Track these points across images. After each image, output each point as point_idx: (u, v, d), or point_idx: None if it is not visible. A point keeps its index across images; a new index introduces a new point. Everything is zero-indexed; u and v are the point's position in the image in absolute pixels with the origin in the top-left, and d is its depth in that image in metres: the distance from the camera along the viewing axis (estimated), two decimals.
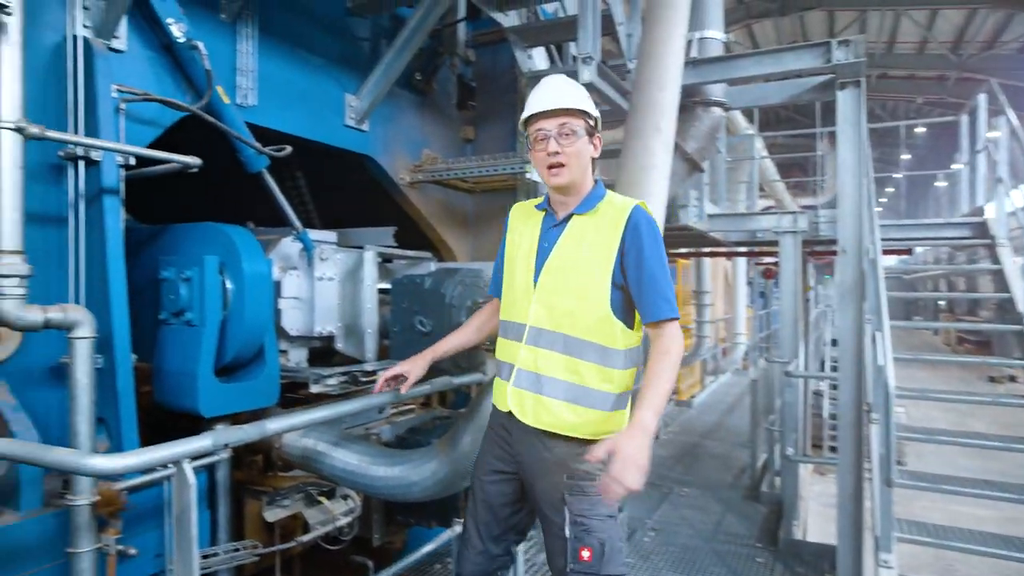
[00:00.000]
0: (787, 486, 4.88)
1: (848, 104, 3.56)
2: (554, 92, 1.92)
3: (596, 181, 2.02)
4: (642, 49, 3.01)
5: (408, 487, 2.64)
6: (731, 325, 14.67)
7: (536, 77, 4.14)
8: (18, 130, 1.81)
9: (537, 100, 1.94)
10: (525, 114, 1.98)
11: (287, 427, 1.83)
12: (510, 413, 1.95)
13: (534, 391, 1.91)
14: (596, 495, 1.81)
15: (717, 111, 4.04)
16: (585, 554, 1.81)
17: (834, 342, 12.55)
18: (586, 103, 1.93)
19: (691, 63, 3.75)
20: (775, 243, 6.90)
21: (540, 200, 2.09)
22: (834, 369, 11.48)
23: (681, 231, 5.80)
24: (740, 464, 7.31)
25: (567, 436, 1.87)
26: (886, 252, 5.86)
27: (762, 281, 18.26)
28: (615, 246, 1.85)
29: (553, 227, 1.98)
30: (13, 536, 1.94)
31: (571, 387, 1.87)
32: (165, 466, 2.20)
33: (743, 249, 10.19)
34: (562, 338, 1.88)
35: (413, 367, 2.21)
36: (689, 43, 3.24)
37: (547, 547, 1.97)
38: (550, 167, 1.91)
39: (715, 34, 4.16)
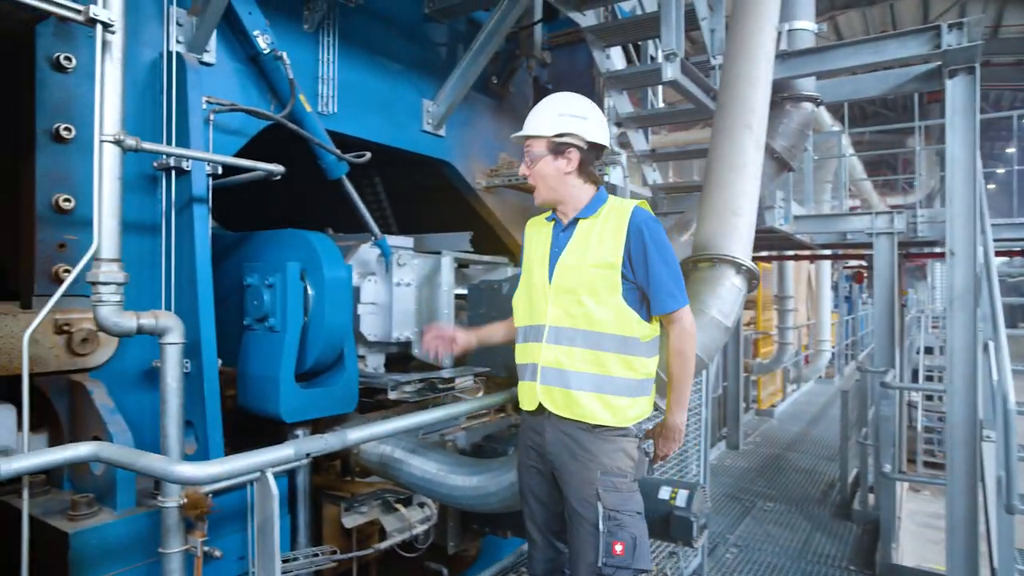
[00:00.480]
0: (884, 506, 4.55)
1: (959, 94, 3.27)
2: (528, 120, 2.12)
3: (599, 188, 2.15)
4: (730, 42, 2.85)
5: (486, 497, 2.58)
6: (815, 331, 13.96)
7: (615, 77, 4.03)
8: (117, 143, 1.87)
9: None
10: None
11: (368, 437, 1.80)
12: (539, 411, 2.08)
13: (561, 385, 2.02)
14: (628, 491, 1.97)
15: (808, 106, 3.80)
16: (618, 548, 1.90)
17: (928, 350, 11.75)
18: (544, 126, 2.07)
19: (781, 56, 3.54)
20: (866, 245, 6.50)
21: (550, 212, 2.23)
22: (929, 379, 10.78)
23: (765, 234, 5.53)
24: (828, 479, 6.91)
25: (596, 428, 1.98)
26: (997, 254, 5.39)
27: (847, 285, 17.33)
28: (620, 244, 1.99)
29: (562, 232, 2.13)
30: (110, 534, 2.01)
31: (596, 377, 1.98)
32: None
33: (828, 252, 9.67)
34: (582, 333, 2.00)
35: (464, 336, 2.40)
36: (778, 35, 3.05)
37: (572, 546, 2.03)
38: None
39: (806, 24, 3.92)
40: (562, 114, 2.08)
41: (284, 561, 2.42)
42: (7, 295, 2.31)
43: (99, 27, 1.77)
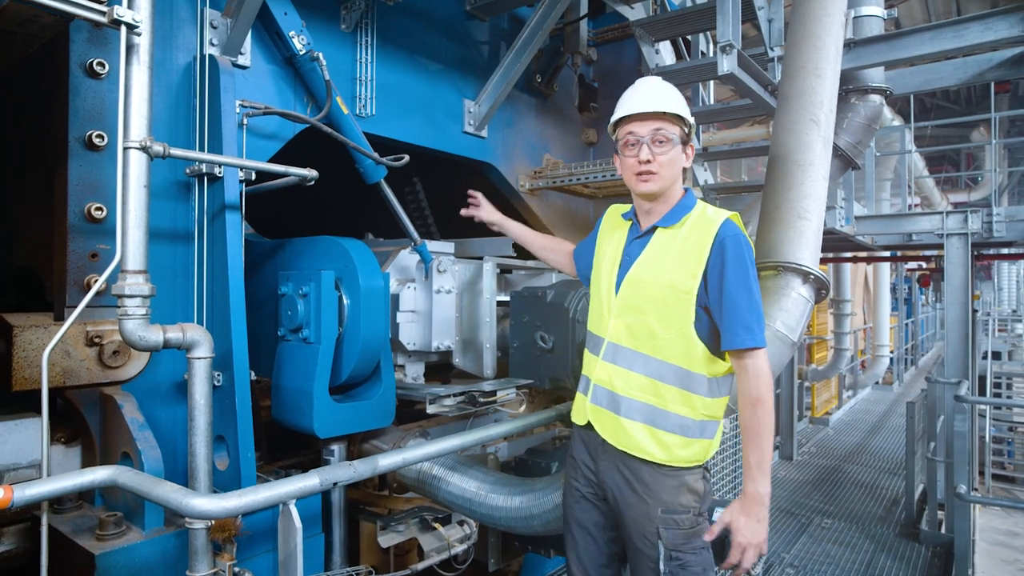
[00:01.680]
0: (959, 530, 4.21)
1: None
2: (650, 95, 1.83)
3: (686, 191, 1.91)
4: (794, 29, 2.62)
5: (528, 520, 2.44)
6: (872, 336, 13.34)
7: (665, 73, 3.83)
8: (143, 149, 1.79)
9: (630, 102, 1.85)
10: (616, 115, 1.88)
11: (399, 464, 1.68)
12: (588, 428, 1.91)
13: (611, 410, 1.85)
14: (691, 527, 1.78)
15: (875, 99, 3.52)
16: None
17: (995, 355, 11.06)
18: (684, 108, 1.83)
19: (847, 45, 3.29)
20: (932, 246, 6.11)
21: (628, 208, 2.00)
22: (997, 386, 10.12)
23: (824, 235, 5.23)
24: (891, 495, 6.52)
25: (652, 463, 1.79)
26: None
27: (906, 286, 16.54)
28: (701, 263, 1.74)
29: (636, 239, 1.90)
30: (137, 555, 1.94)
31: (649, 408, 1.79)
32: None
33: (887, 254, 9.19)
34: (641, 358, 1.80)
35: (499, 217, 2.43)
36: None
37: None
38: (639, 174, 1.83)
39: (874, 10, 3.64)
40: (685, 102, 1.86)
41: None
42: (45, 306, 2.28)
43: (123, 28, 1.69)
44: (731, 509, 1.74)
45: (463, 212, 2.42)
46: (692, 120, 1.85)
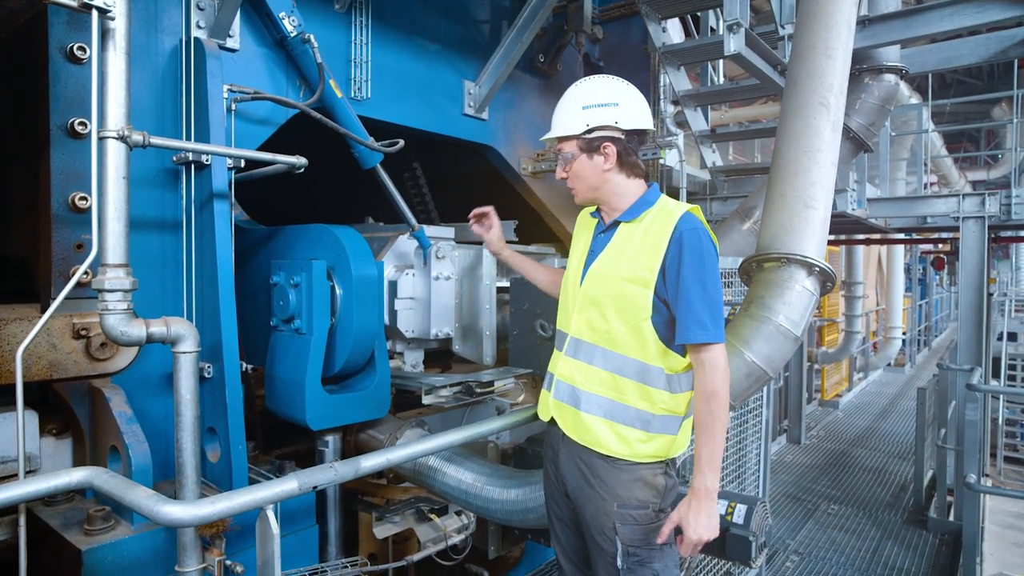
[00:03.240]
0: (968, 519, 4.15)
1: None
2: (555, 116, 1.91)
3: (651, 186, 1.91)
4: (804, 8, 2.50)
5: (524, 513, 2.40)
6: (885, 317, 13.17)
7: (671, 52, 3.71)
8: (121, 139, 1.73)
9: None
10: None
11: (383, 464, 1.64)
12: (552, 423, 1.92)
13: (572, 405, 1.85)
14: (648, 523, 1.77)
15: (890, 79, 3.39)
16: None
17: (1011, 336, 10.86)
18: (568, 126, 1.84)
19: (861, 22, 3.15)
20: (947, 228, 5.96)
21: (595, 207, 2.01)
22: (1012, 367, 9.95)
23: (835, 218, 5.10)
24: (899, 480, 6.46)
25: (608, 457, 1.78)
26: None
27: (920, 267, 16.28)
28: (659, 257, 1.74)
29: (601, 234, 1.93)
30: (125, 551, 1.92)
31: (608, 402, 1.79)
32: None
33: (902, 236, 9.01)
34: (601, 351, 1.81)
35: (507, 253, 2.35)
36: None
37: (596, 573, 1.87)
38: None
39: None
40: (587, 106, 1.83)
41: (311, 574, 2.31)
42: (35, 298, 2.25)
43: (95, 13, 1.62)
44: (680, 507, 1.73)
45: (472, 227, 2.37)
46: (591, 125, 1.81)
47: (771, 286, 2.12)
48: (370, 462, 1.59)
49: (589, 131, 1.82)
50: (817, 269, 2.12)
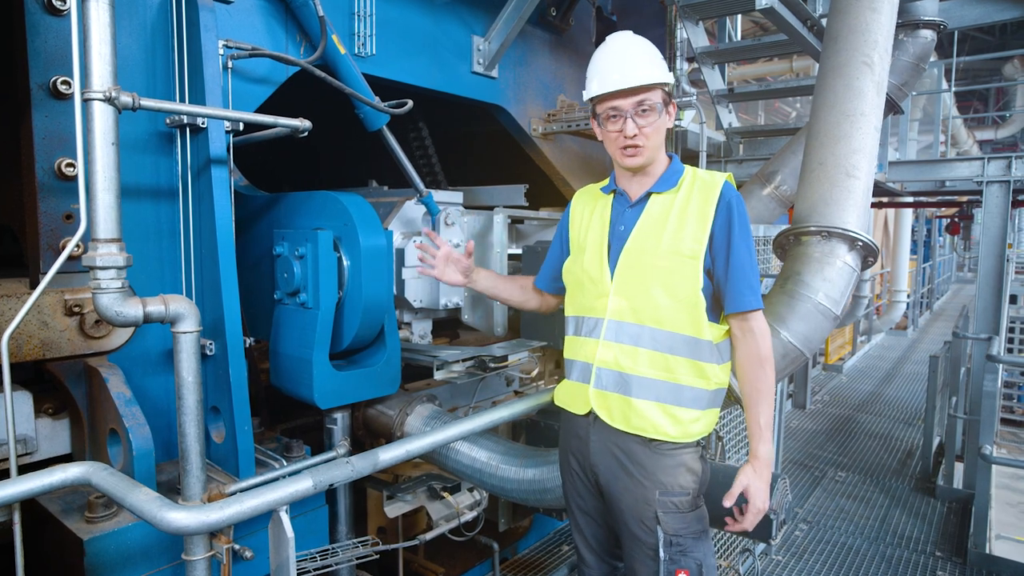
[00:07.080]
0: (980, 490, 4.11)
1: None
2: (627, 63, 1.71)
3: (671, 156, 1.83)
4: None
5: (542, 494, 2.32)
6: (890, 280, 13.08)
7: (690, 6, 3.50)
8: (108, 100, 1.57)
9: (607, 75, 1.72)
10: (593, 92, 1.76)
11: (402, 457, 1.54)
12: (589, 417, 1.81)
13: (621, 392, 1.74)
14: (690, 510, 1.71)
15: (926, 35, 3.19)
16: None
17: (1012, 299, 10.76)
18: (663, 71, 1.72)
19: None
20: (966, 192, 5.80)
21: (606, 182, 1.91)
22: (1011, 330, 9.87)
23: None
24: (906, 446, 6.44)
25: (653, 441, 1.71)
26: None
27: (924, 230, 16.10)
28: (707, 227, 1.67)
29: (629, 208, 1.80)
30: (129, 538, 1.83)
31: (664, 385, 1.70)
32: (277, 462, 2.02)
33: (911, 200, 8.83)
34: (649, 331, 1.70)
35: (476, 272, 2.20)
36: None
37: (629, 567, 1.80)
38: (625, 148, 1.74)
39: None
40: (661, 58, 1.74)
41: (321, 555, 2.23)
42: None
43: None
44: (745, 473, 1.71)
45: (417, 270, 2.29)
46: (672, 79, 1.74)
47: (810, 261, 1.99)
48: (388, 455, 1.49)
49: (667, 84, 1.73)
50: (860, 243, 1.98)
